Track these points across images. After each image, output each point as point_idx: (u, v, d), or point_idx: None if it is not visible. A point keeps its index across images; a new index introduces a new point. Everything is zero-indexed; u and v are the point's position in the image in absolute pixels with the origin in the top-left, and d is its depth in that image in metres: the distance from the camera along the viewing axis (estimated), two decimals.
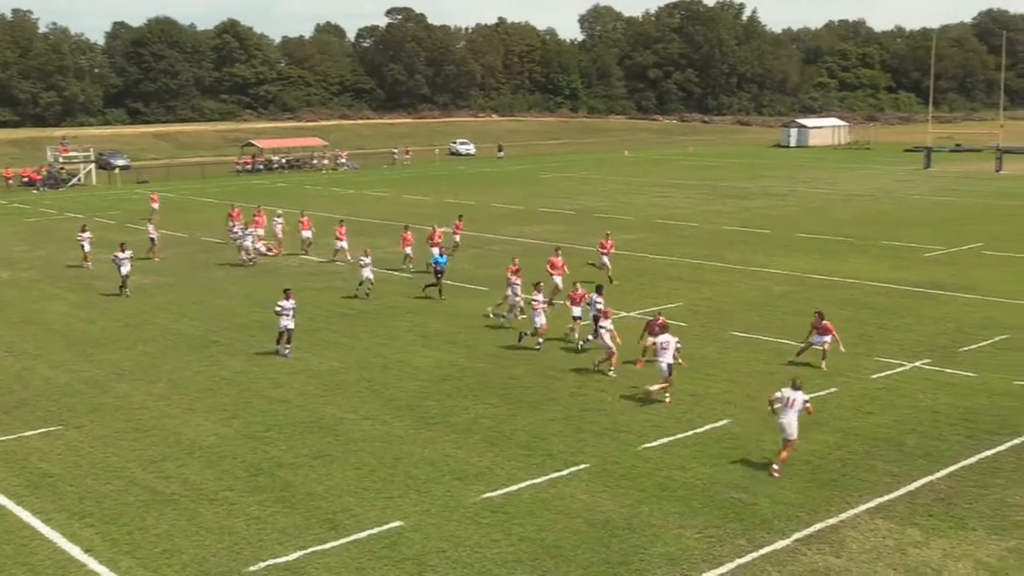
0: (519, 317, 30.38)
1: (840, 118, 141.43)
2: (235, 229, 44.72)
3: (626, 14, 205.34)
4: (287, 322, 27.07)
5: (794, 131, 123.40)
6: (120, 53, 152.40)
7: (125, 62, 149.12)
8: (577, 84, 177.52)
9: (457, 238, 43.56)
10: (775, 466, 18.66)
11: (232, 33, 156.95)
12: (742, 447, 19.97)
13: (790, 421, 18.70)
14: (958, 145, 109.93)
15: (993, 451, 19.59)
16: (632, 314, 31.46)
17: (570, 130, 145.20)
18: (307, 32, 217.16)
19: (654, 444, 20.19)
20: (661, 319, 25.96)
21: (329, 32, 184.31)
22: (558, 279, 32.84)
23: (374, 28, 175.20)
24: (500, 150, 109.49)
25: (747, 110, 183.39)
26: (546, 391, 23.86)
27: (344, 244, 42.14)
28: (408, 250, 40.21)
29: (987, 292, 34.27)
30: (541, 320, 27.29)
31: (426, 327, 30.52)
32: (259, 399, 23.62)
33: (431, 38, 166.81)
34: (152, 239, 44.12)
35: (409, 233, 40.74)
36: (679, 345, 23.35)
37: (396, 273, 39.44)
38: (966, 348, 27.05)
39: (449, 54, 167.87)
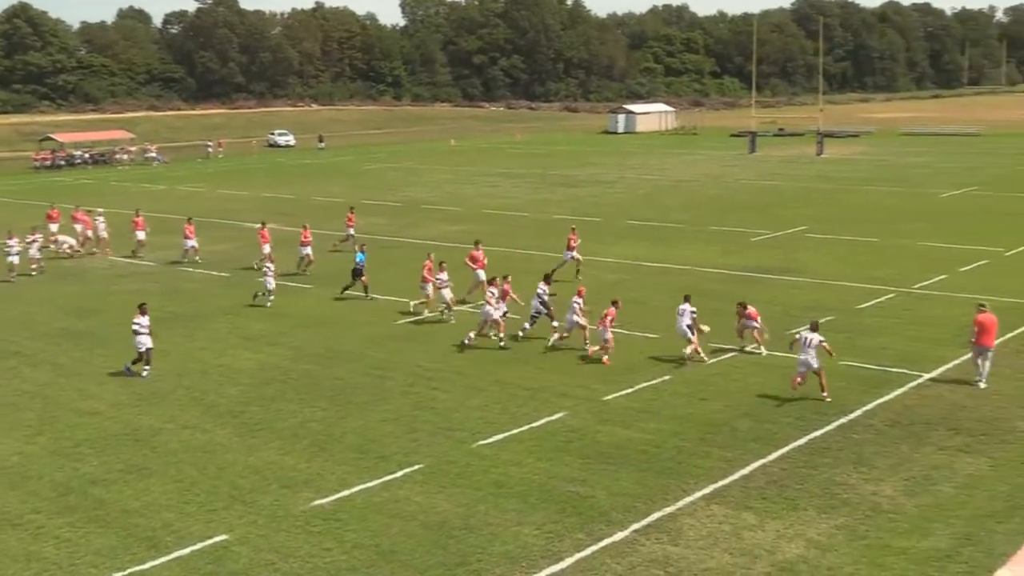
0: (451, 317, 30.18)
1: (667, 104, 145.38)
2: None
3: None
4: (145, 340, 25.38)
5: (622, 117, 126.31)
6: None
7: None
8: (400, 71, 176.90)
9: (351, 231, 42.91)
10: (824, 394, 22.16)
11: (23, 18, 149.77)
12: (578, 439, 20.33)
13: (810, 357, 22.16)
14: (781, 130, 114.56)
15: (821, 431, 20.53)
16: (465, 308, 31.62)
17: (394, 119, 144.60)
18: (108, 17, 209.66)
19: (489, 441, 20.35)
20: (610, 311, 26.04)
21: (133, 17, 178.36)
22: (481, 273, 32.51)
23: (182, 13, 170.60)
24: (321, 141, 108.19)
25: (574, 96, 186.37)
26: (376, 391, 23.76)
27: (194, 243, 41.29)
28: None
29: (812, 275, 35.86)
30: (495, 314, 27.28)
31: (247, 329, 29.97)
32: (67, 413, 22.73)
33: (244, 24, 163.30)
34: None
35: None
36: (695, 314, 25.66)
37: (215, 273, 38.63)
38: (794, 331, 28.15)
39: (264, 40, 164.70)
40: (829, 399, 22.27)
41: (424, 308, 30.97)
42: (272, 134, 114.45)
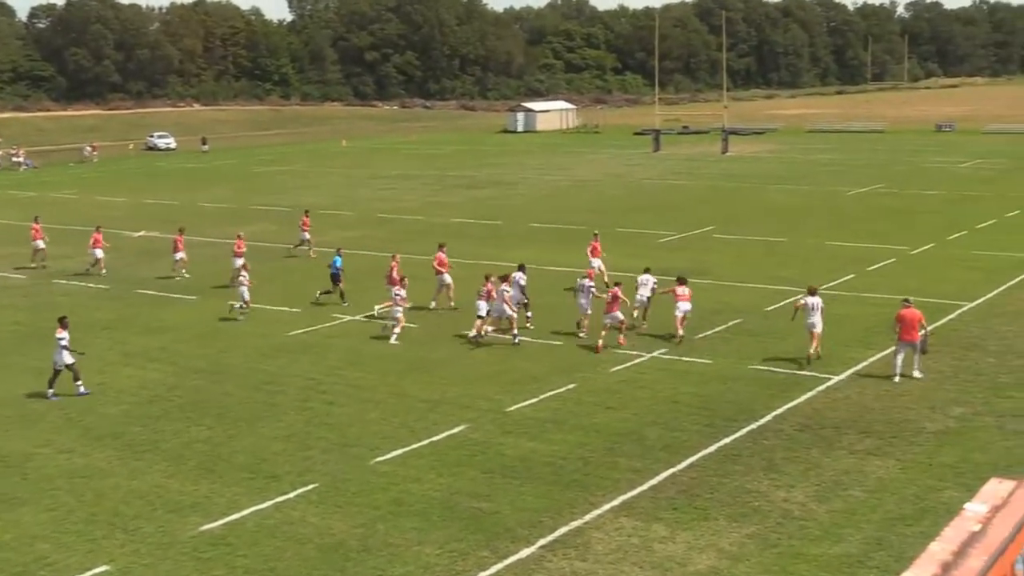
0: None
1: (568, 101, 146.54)
2: None
3: None
4: (66, 357, 24.49)
5: (521, 116, 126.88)
6: None
7: None
8: (288, 69, 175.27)
9: (306, 235, 42.51)
10: (811, 353, 25.43)
11: None
12: (481, 453, 20.35)
13: (815, 320, 25.61)
14: (685, 127, 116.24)
15: (731, 438, 20.87)
16: (357, 317, 31.46)
17: (283, 119, 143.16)
18: None
19: (387, 457, 20.25)
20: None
21: None
22: (446, 277, 32.64)
23: (50, 7, 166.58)
24: (205, 143, 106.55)
25: (472, 94, 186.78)
26: (267, 407, 23.48)
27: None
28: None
29: (719, 276, 36.45)
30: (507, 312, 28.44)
31: (127, 344, 29.38)
32: None
33: (119, 19, 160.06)
34: None
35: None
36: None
37: (92, 285, 37.79)
38: (701, 335, 28.66)
39: (141, 37, 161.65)
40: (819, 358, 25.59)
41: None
42: (151, 136, 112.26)
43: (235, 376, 26.00)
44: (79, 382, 24.75)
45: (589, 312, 28.85)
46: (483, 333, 28.43)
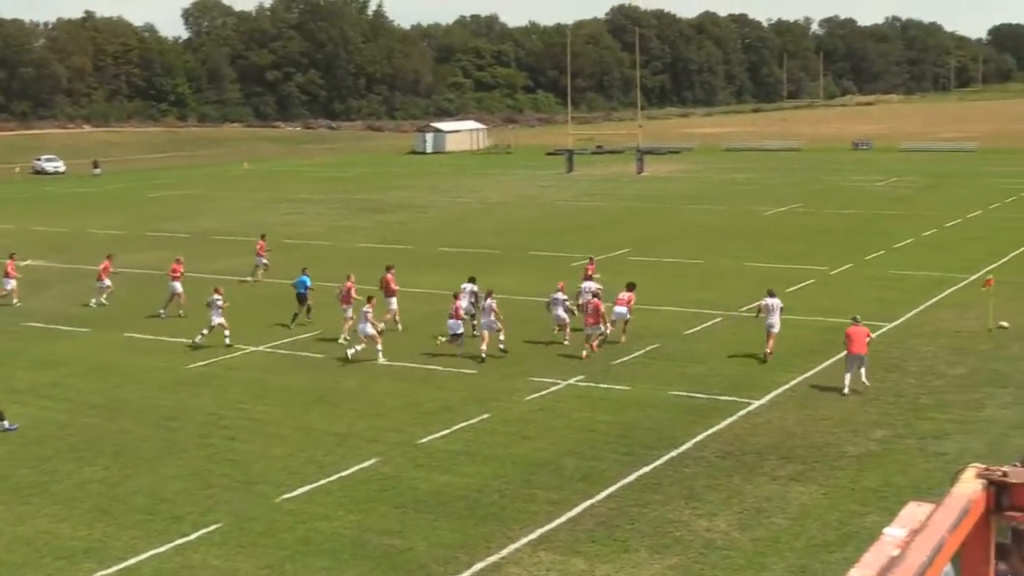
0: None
1: (478, 120, 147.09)
2: None
3: (237, 7, 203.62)
4: None
5: (430, 136, 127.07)
6: None
7: None
8: (184, 89, 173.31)
9: (263, 260, 42.60)
10: (769, 351, 28.18)
11: None
12: (393, 488, 20.23)
13: (774, 321, 28.54)
14: (599, 147, 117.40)
15: (651, 467, 21.02)
16: (261, 348, 31.16)
17: (180, 141, 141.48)
18: None
19: (295, 494, 20.04)
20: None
21: None
22: (393, 301, 33.24)
23: None
24: (96, 166, 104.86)
25: (378, 114, 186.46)
26: (166, 444, 23.11)
27: None
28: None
29: (636, 300, 36.56)
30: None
31: (13, 380, 28.65)
32: None
33: (1, 35, 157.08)
34: None
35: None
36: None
37: None
38: (619, 360, 28.88)
39: (25, 54, 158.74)
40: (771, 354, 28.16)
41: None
42: (38, 160, 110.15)
43: (132, 412, 25.55)
44: (4, 420, 24.28)
45: (567, 320, 31.02)
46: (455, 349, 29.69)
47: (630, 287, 31.80)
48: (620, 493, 19.74)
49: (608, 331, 30.22)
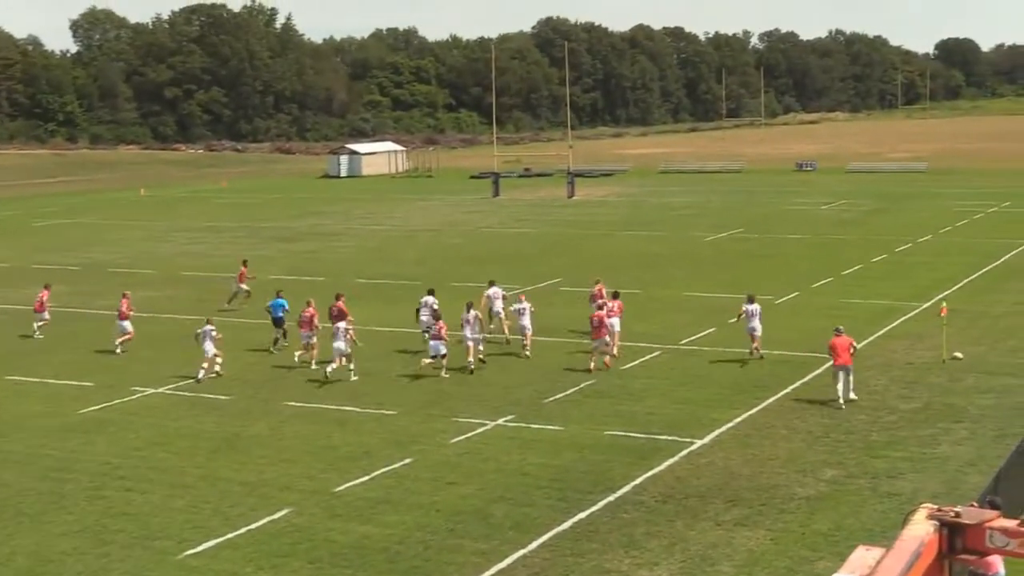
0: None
1: (396, 142, 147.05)
2: None
3: (132, 19, 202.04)
4: None
5: (344, 159, 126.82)
6: None
7: None
8: (74, 107, 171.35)
9: (243, 286, 43.89)
10: (757, 346, 32.26)
11: None
12: (307, 540, 20.06)
13: (755, 325, 32.46)
14: (527, 169, 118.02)
15: (587, 512, 21.04)
16: (162, 390, 30.76)
17: (69, 165, 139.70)
18: None
19: (199, 549, 19.77)
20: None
21: None
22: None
23: None
24: None
25: (288, 135, 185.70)
26: (54, 498, 22.66)
27: None
28: None
29: (566, 334, 36.75)
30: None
31: None
32: None
33: None
34: None
35: None
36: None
37: None
38: (551, 398, 28.92)
39: None
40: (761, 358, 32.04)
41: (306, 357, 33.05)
42: None
43: (15, 463, 25.03)
44: None
45: (530, 331, 33.83)
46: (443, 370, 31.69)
47: (615, 296, 34.74)
48: (554, 542, 19.72)
49: (613, 346, 32.76)
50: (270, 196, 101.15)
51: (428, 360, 31.67)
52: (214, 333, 32.06)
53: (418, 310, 34.86)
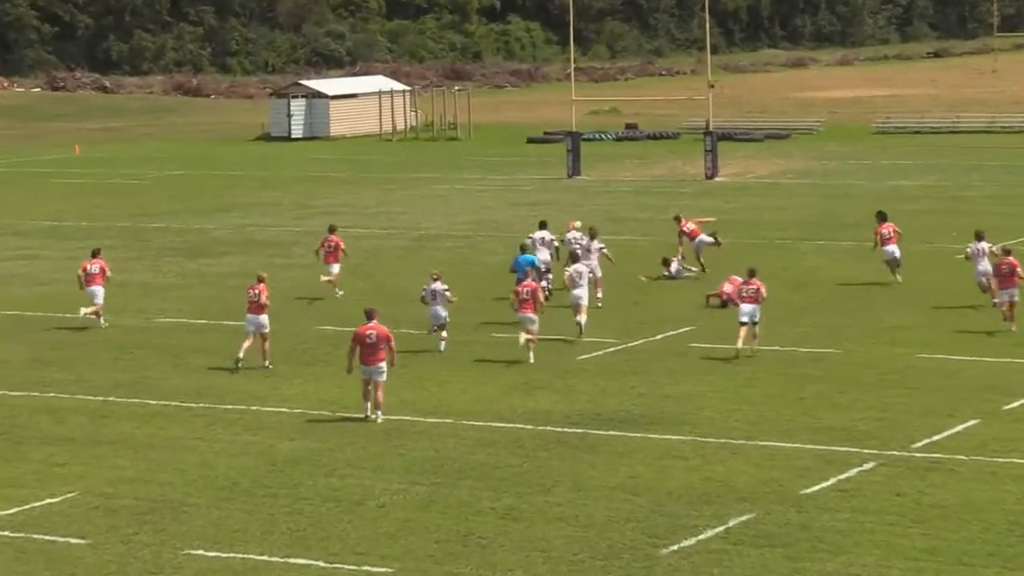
0: None
1: (394, 76, 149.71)
2: None
3: None
4: None
5: (299, 105, 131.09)
6: None
7: None
8: None
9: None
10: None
11: None
12: None
13: (986, 268, 43.86)
14: (631, 127, 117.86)
15: None
16: None
17: None
18: None
19: None
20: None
21: None
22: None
23: None
24: None
25: (196, 63, 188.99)
26: None
27: None
28: None
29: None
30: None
31: None
32: None
33: None
34: None
35: None
36: None
37: None
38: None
39: None
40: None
41: None
42: None
43: None
44: None
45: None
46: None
47: (751, 273, 44.62)
48: None
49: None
50: (168, 172, 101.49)
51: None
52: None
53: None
